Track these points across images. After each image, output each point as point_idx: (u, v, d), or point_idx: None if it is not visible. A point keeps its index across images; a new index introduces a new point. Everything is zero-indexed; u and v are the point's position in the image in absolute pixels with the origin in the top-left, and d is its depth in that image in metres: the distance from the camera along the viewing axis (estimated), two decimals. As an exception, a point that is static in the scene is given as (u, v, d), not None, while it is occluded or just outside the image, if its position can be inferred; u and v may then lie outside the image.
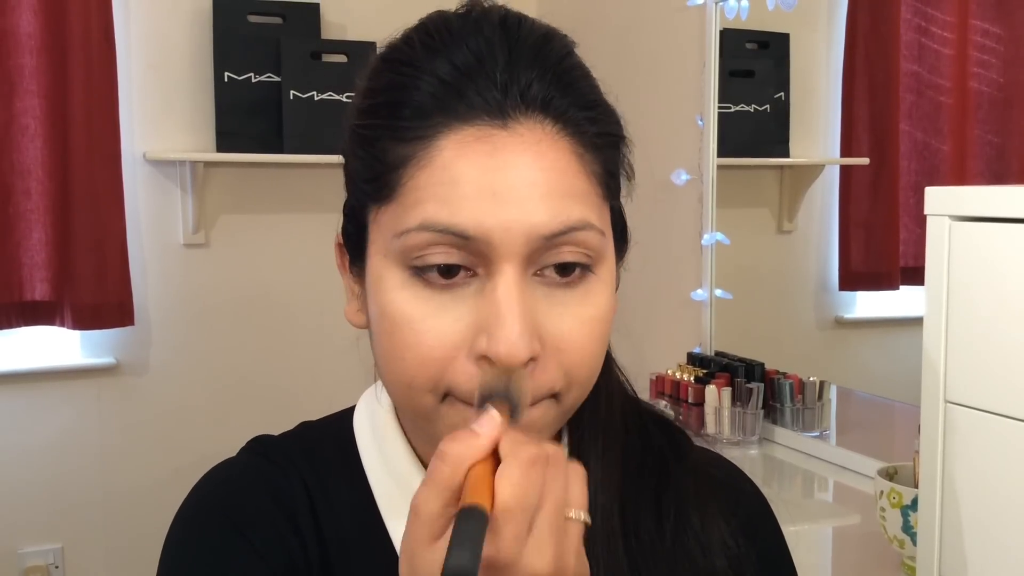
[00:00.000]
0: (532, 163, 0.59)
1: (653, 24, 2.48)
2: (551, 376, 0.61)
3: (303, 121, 2.68)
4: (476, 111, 0.60)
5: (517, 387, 0.58)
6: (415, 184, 0.60)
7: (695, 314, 2.32)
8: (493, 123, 0.60)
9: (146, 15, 2.67)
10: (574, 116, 0.62)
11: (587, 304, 0.62)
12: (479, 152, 0.59)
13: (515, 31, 0.63)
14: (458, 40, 0.62)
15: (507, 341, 0.58)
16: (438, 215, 0.59)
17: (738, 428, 2.02)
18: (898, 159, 2.01)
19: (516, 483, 0.51)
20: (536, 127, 0.60)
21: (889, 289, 2.10)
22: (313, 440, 0.75)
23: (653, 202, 2.41)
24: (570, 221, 0.60)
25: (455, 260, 0.59)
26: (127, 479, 2.69)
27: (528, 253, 0.59)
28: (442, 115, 0.60)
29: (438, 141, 0.60)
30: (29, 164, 2.52)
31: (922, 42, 1.94)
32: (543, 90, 0.61)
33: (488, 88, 0.60)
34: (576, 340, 0.61)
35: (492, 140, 0.59)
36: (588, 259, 0.61)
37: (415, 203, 0.60)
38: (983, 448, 0.97)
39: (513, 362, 0.58)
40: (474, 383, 0.59)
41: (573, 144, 0.61)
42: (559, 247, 0.60)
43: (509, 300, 0.58)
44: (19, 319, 2.54)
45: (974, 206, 0.97)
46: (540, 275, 0.61)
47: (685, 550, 0.71)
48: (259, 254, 2.81)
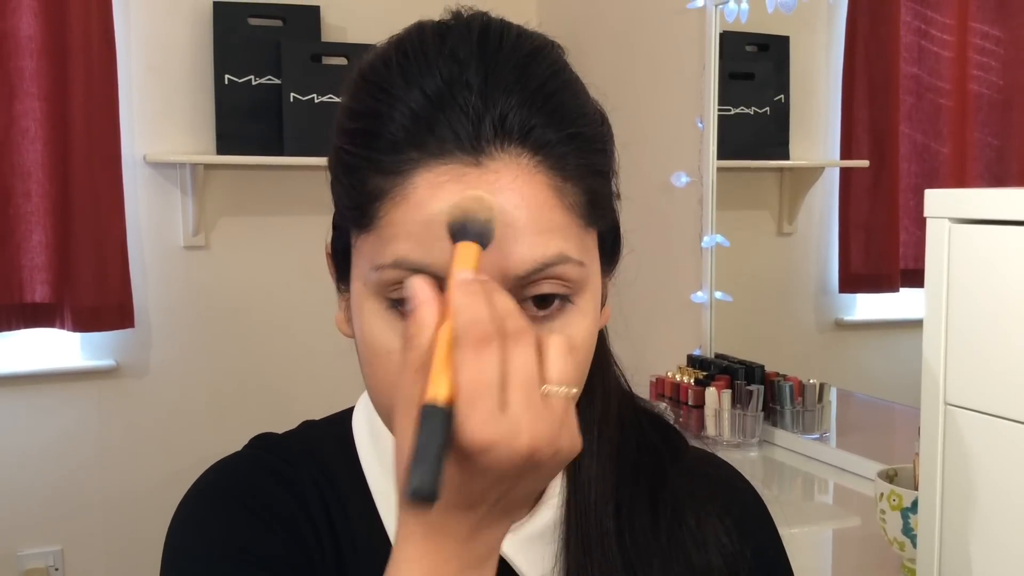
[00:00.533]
0: (506, 202, 0.58)
1: (653, 27, 2.48)
2: None
3: (303, 123, 2.68)
4: (448, 147, 0.58)
5: (473, 209, 0.55)
6: (390, 220, 0.60)
7: (695, 316, 2.32)
8: (466, 160, 0.58)
9: (146, 17, 2.67)
10: (555, 149, 0.60)
11: (566, 334, 0.60)
12: (452, 193, 0.58)
13: (494, 51, 0.61)
14: (432, 64, 0.60)
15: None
16: (411, 254, 0.59)
17: (738, 430, 2.02)
18: (898, 161, 2.01)
19: (471, 364, 0.50)
20: (512, 163, 0.59)
21: (889, 291, 2.10)
22: (315, 439, 0.76)
23: (653, 204, 2.41)
24: (544, 258, 0.59)
25: None
26: (127, 481, 2.69)
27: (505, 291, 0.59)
28: (415, 151, 0.59)
29: (412, 178, 0.59)
30: (29, 166, 2.52)
31: (922, 44, 1.94)
32: (521, 118, 0.59)
33: (459, 121, 0.59)
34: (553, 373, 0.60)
35: (464, 179, 0.58)
36: (566, 289, 0.61)
37: (390, 238, 0.60)
38: (983, 450, 0.97)
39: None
40: None
41: (551, 177, 0.60)
42: (536, 282, 0.60)
43: None
44: (19, 321, 2.54)
45: (974, 208, 0.97)
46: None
47: (680, 547, 0.71)
48: (259, 256, 2.81)
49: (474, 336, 0.51)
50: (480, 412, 0.50)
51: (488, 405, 0.50)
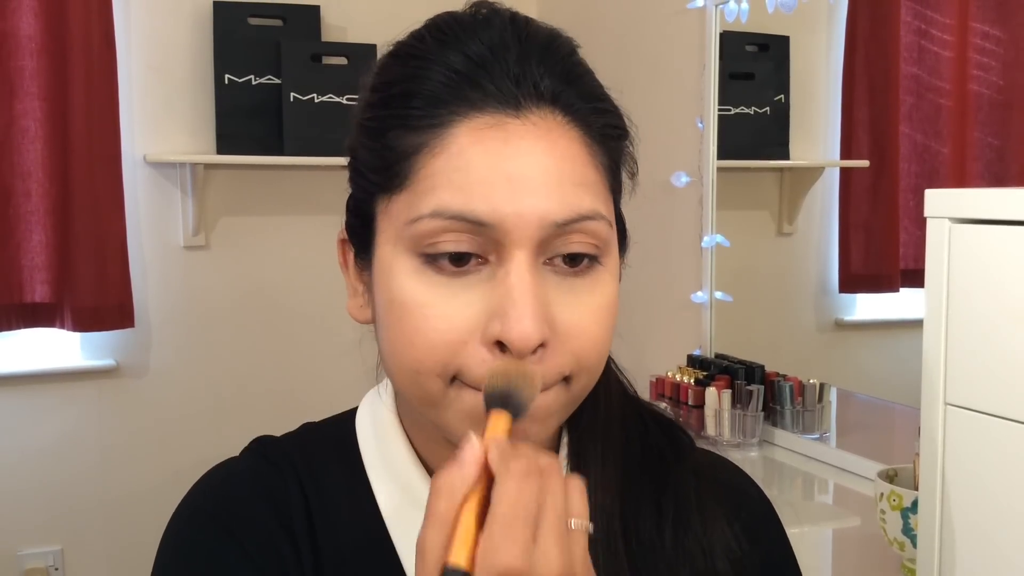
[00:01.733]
0: (545, 151, 0.61)
1: (653, 27, 2.49)
2: (561, 361, 0.61)
3: (303, 123, 2.68)
4: (490, 100, 0.61)
5: (519, 385, 0.58)
6: (428, 171, 0.61)
7: (695, 316, 2.32)
8: (507, 112, 0.61)
9: (146, 17, 2.67)
10: (582, 109, 0.63)
11: (596, 293, 0.63)
12: (493, 139, 0.60)
13: (524, 28, 0.65)
14: (470, 33, 0.63)
15: (520, 326, 0.59)
16: (452, 202, 0.60)
17: (738, 430, 2.02)
18: (898, 161, 2.01)
19: (513, 495, 0.52)
20: (548, 117, 0.62)
21: (889, 291, 2.10)
22: (314, 441, 0.75)
23: (653, 204, 2.41)
24: (581, 210, 0.61)
25: (467, 247, 0.60)
26: (127, 481, 2.69)
27: (540, 240, 0.60)
28: (456, 103, 0.61)
29: (452, 129, 0.61)
30: (29, 166, 2.52)
31: (922, 45, 1.94)
32: (553, 84, 0.62)
33: (502, 78, 0.61)
34: (586, 327, 0.62)
35: (505, 128, 0.60)
36: (596, 250, 0.63)
37: (428, 190, 0.60)
38: (983, 450, 0.97)
39: (525, 346, 0.59)
40: (484, 368, 0.60)
41: (582, 135, 0.63)
42: (569, 235, 0.61)
43: (522, 286, 0.59)
44: (19, 321, 2.54)
45: (974, 208, 0.97)
46: (550, 264, 0.62)
47: (686, 552, 0.71)
48: (259, 256, 2.81)
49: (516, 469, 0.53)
50: (516, 540, 0.51)
51: (525, 533, 0.51)
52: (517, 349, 0.59)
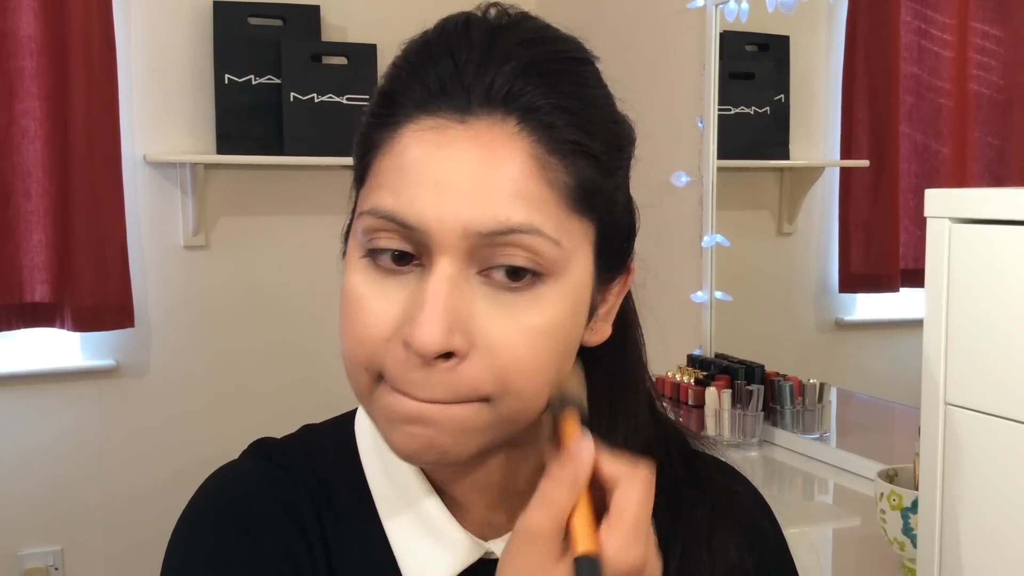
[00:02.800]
0: (481, 159, 0.59)
1: (653, 26, 2.48)
2: (477, 376, 0.59)
3: (303, 123, 2.68)
4: (439, 103, 0.60)
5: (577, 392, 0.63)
6: (376, 169, 0.62)
7: (695, 316, 2.32)
8: (451, 116, 0.59)
9: (146, 17, 2.67)
10: (542, 116, 0.60)
11: (532, 312, 0.60)
12: (430, 142, 0.59)
13: (507, 28, 0.62)
14: (445, 37, 0.62)
15: (420, 330, 0.58)
16: (384, 201, 0.60)
17: (738, 430, 2.02)
18: (898, 161, 2.01)
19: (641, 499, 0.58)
20: (496, 126, 0.59)
21: (889, 291, 2.10)
22: (315, 443, 0.75)
23: (653, 204, 2.40)
24: (511, 222, 0.58)
25: (402, 247, 0.60)
26: (127, 481, 2.69)
27: (467, 249, 0.59)
28: (409, 105, 0.61)
29: (400, 129, 0.61)
30: (29, 166, 2.52)
31: (922, 44, 1.94)
32: (511, 84, 0.60)
33: (451, 77, 0.60)
34: (510, 346, 0.60)
35: (445, 132, 0.59)
36: (537, 266, 0.59)
37: (374, 188, 0.62)
38: (983, 450, 0.97)
39: (424, 350, 0.58)
40: (398, 367, 0.60)
41: (534, 147, 0.59)
42: (503, 247, 0.59)
43: (435, 291, 0.58)
44: (19, 321, 2.54)
45: (974, 208, 0.97)
46: (487, 276, 0.60)
47: (691, 556, 0.70)
48: (259, 256, 2.82)
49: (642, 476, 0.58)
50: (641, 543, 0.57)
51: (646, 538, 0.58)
52: (417, 352, 0.58)
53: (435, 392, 0.60)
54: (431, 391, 0.60)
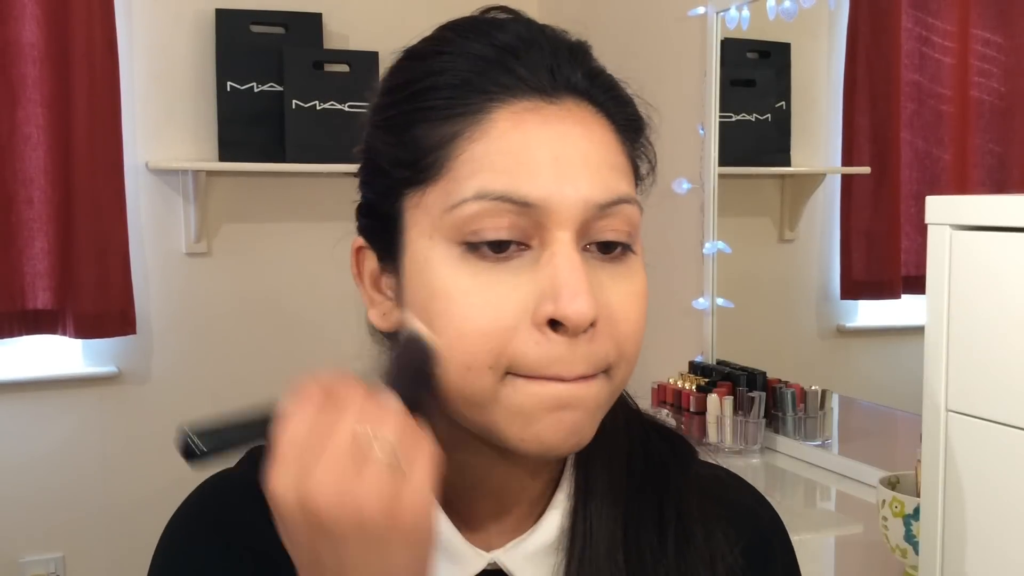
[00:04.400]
0: (582, 135, 0.62)
1: (654, 34, 2.49)
2: (607, 347, 0.61)
3: (305, 130, 2.69)
4: (525, 87, 0.62)
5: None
6: (467, 157, 0.60)
7: (697, 323, 2.32)
8: (541, 98, 0.62)
9: (149, 25, 2.68)
10: (606, 102, 0.65)
11: (631, 279, 0.63)
12: (533, 123, 0.61)
13: (546, 27, 0.66)
14: (496, 26, 0.64)
15: (575, 302, 0.58)
16: (496, 183, 0.59)
17: (740, 437, 2.02)
18: (899, 168, 2.01)
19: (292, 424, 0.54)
20: (579, 106, 0.63)
21: (890, 298, 2.10)
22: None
23: (655, 211, 2.41)
24: (619, 193, 0.62)
25: (508, 234, 0.59)
26: (128, 488, 2.69)
27: (583, 222, 0.60)
28: (491, 90, 0.61)
29: (490, 114, 0.61)
30: (32, 173, 2.52)
31: (923, 51, 1.94)
32: (581, 77, 0.64)
33: (537, 67, 0.62)
34: (628, 312, 0.62)
35: (543, 112, 0.61)
36: (629, 237, 0.63)
37: (469, 175, 0.60)
38: (985, 457, 0.97)
39: (582, 321, 0.58)
40: (540, 350, 0.59)
41: (611, 124, 0.64)
42: (609, 219, 0.61)
43: (572, 263, 0.59)
44: (21, 328, 2.54)
45: (975, 215, 0.97)
46: (587, 251, 0.61)
47: (688, 564, 0.69)
48: (261, 263, 2.82)
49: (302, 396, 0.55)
50: (287, 470, 0.53)
51: (296, 467, 0.53)
52: (574, 325, 0.58)
53: (579, 366, 0.60)
54: (575, 366, 0.59)
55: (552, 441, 0.60)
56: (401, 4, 2.76)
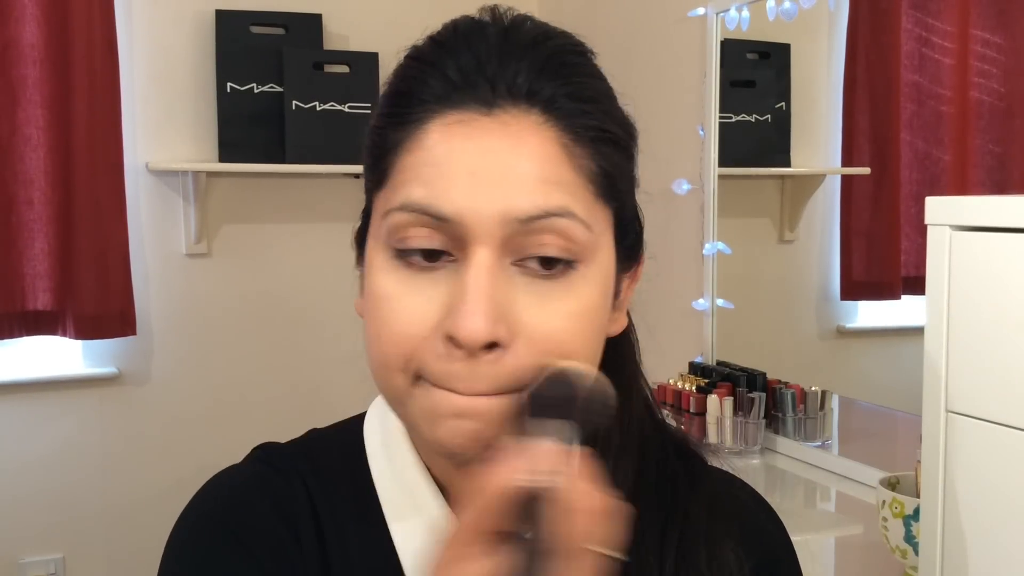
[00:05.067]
0: (512, 148, 0.60)
1: (654, 35, 2.49)
2: (520, 365, 0.59)
3: (305, 131, 2.69)
4: (463, 97, 0.61)
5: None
6: (403, 166, 0.62)
7: (697, 323, 2.32)
8: (478, 110, 0.60)
9: (149, 26, 2.68)
10: (564, 107, 0.62)
11: (569, 298, 0.61)
12: (460, 135, 0.60)
13: (519, 27, 0.64)
14: (459, 34, 0.64)
15: (466, 321, 0.57)
16: (416, 195, 0.60)
17: (740, 438, 2.02)
18: (899, 169, 2.01)
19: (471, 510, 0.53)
20: (522, 116, 0.61)
21: (890, 299, 2.10)
22: (320, 448, 0.75)
23: (654, 212, 2.41)
24: (547, 206, 0.59)
25: (434, 244, 0.60)
26: (128, 489, 2.69)
27: (504, 237, 0.59)
28: (431, 101, 0.61)
29: (425, 125, 0.61)
30: (32, 174, 2.52)
31: (923, 52, 1.94)
32: (531, 81, 0.61)
33: (474, 73, 0.61)
34: (553, 332, 0.60)
35: (474, 124, 0.60)
36: (570, 253, 0.60)
37: (401, 184, 0.61)
38: (985, 458, 0.97)
39: (471, 342, 0.57)
40: (440, 364, 0.59)
41: (560, 135, 0.61)
42: (539, 234, 0.59)
43: (476, 281, 0.58)
44: (21, 329, 2.54)
45: (975, 216, 0.97)
46: (522, 265, 0.60)
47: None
48: (261, 263, 2.82)
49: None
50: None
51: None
52: (464, 344, 0.58)
53: (479, 384, 0.59)
54: (476, 384, 0.59)
55: (452, 446, 0.61)
56: (401, 4, 2.76)
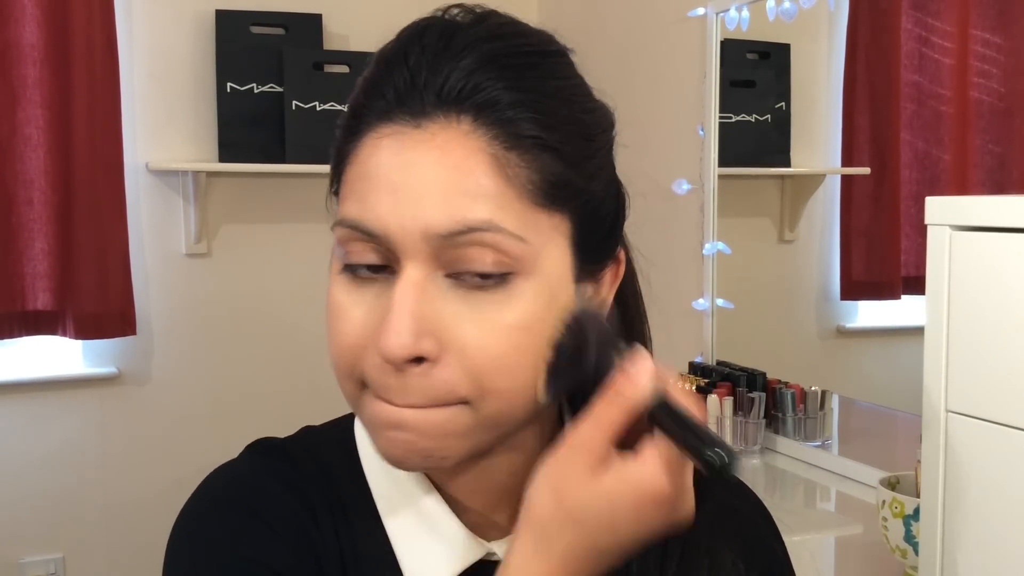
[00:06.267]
0: (436, 161, 0.59)
1: (654, 35, 2.49)
2: (451, 380, 0.59)
3: (305, 131, 2.69)
4: (394, 109, 0.60)
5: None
6: (345, 179, 0.63)
7: (697, 323, 2.32)
8: (407, 121, 0.60)
9: (149, 26, 2.68)
10: (503, 114, 0.59)
11: (504, 310, 0.59)
12: (387, 149, 0.60)
13: (470, 27, 0.62)
14: (400, 44, 0.62)
15: (386, 338, 0.58)
16: (351, 211, 0.61)
17: (740, 438, 2.02)
18: (899, 168, 2.01)
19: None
20: (450, 125, 0.59)
21: (890, 298, 2.10)
22: (315, 444, 0.75)
23: (654, 212, 2.41)
24: (469, 221, 0.58)
25: (372, 259, 0.61)
26: (128, 489, 2.69)
27: (430, 252, 0.59)
28: (367, 114, 0.62)
29: (361, 138, 0.62)
30: (32, 174, 2.52)
31: (923, 52, 1.94)
32: (464, 82, 0.59)
33: (404, 84, 0.60)
34: (484, 346, 0.59)
35: (401, 138, 0.60)
36: (503, 267, 0.59)
37: (344, 198, 0.63)
38: (984, 457, 0.97)
39: (392, 356, 0.58)
40: (375, 374, 0.61)
41: (490, 145, 0.59)
42: (464, 248, 0.59)
43: (401, 297, 0.59)
44: (21, 329, 2.54)
45: (975, 216, 0.97)
46: (456, 278, 0.60)
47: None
48: (261, 264, 2.82)
49: None
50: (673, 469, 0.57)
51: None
52: (385, 359, 0.59)
53: (411, 397, 0.60)
54: (407, 396, 0.60)
55: (391, 457, 0.63)
56: (401, 5, 2.75)
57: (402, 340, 0.58)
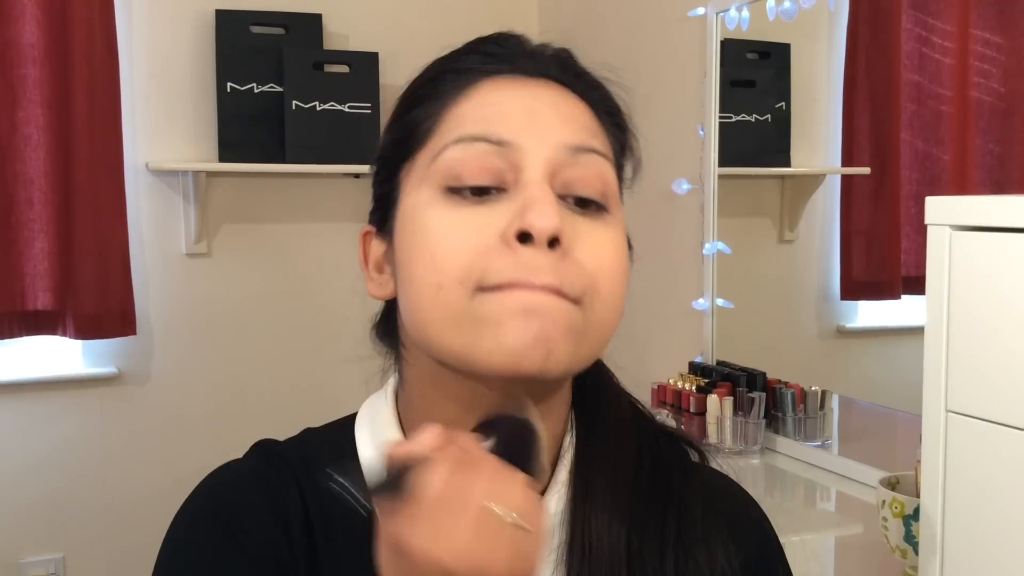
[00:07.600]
0: (558, 97, 0.69)
1: (654, 34, 2.49)
2: (577, 271, 0.64)
3: (305, 131, 2.69)
4: (508, 66, 0.69)
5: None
6: (451, 115, 0.67)
7: (697, 323, 2.32)
8: (522, 78, 0.69)
9: (149, 25, 2.68)
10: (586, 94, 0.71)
11: (606, 230, 0.67)
12: (513, 86, 0.68)
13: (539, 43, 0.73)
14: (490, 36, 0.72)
15: (540, 217, 0.62)
16: (473, 129, 0.66)
17: (740, 438, 2.02)
18: (899, 168, 2.01)
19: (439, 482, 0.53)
20: (558, 86, 0.70)
21: (890, 298, 2.10)
22: (314, 446, 0.76)
23: (654, 211, 2.41)
24: (590, 143, 0.67)
25: (486, 179, 0.64)
26: (128, 489, 2.69)
27: (550, 168, 0.65)
28: (481, 71, 0.69)
29: (476, 85, 0.68)
30: (32, 174, 2.53)
31: (923, 52, 1.94)
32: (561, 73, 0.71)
33: (519, 56, 0.70)
34: (597, 251, 0.65)
35: (524, 82, 0.69)
36: (604, 197, 0.67)
37: (453, 128, 0.67)
38: (985, 457, 0.97)
39: (545, 228, 0.62)
40: (505, 260, 0.62)
41: (588, 110, 0.70)
42: (577, 168, 0.66)
43: (542, 188, 0.64)
44: (21, 329, 2.54)
45: (975, 216, 0.97)
46: (563, 200, 0.66)
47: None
48: (261, 263, 2.82)
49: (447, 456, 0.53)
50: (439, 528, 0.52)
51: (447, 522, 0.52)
52: (538, 232, 0.62)
53: (545, 276, 0.62)
54: (542, 274, 0.62)
55: (518, 347, 0.61)
56: (401, 5, 2.76)
57: (554, 217, 0.63)
